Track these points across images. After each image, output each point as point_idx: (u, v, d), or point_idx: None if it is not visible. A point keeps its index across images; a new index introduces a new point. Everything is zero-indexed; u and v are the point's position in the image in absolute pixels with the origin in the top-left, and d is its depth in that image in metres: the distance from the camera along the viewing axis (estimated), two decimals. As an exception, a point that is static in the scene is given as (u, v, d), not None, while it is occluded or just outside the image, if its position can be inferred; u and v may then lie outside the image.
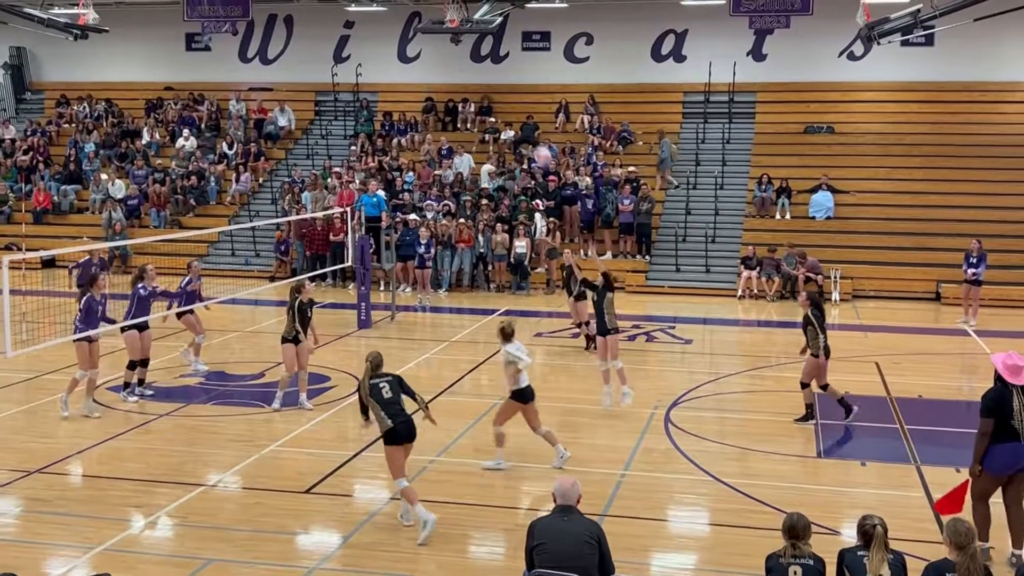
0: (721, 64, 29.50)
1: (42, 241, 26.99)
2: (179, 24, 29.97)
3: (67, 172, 30.73)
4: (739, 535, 9.77)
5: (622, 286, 24.83)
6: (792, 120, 29.57)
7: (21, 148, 31.77)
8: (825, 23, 27.34)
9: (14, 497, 10.52)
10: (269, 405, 14.02)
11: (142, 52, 34.06)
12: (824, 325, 13.34)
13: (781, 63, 30.06)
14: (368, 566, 8.91)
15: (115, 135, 32.10)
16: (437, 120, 31.44)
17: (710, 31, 30.04)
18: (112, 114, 33.17)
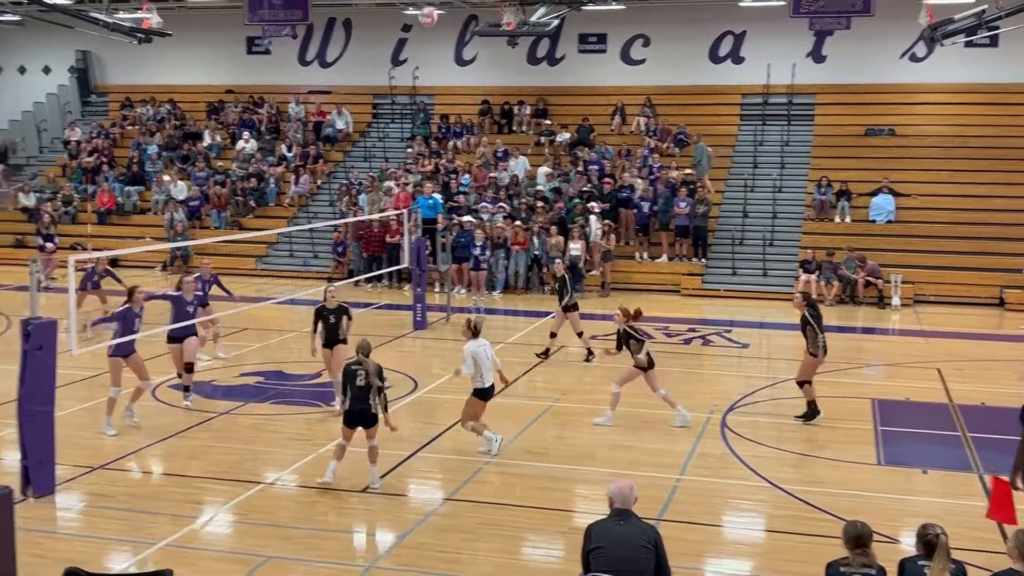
0: (780, 66, 29.23)
1: (106, 241, 27.50)
2: (240, 28, 30.40)
3: (130, 173, 31.29)
4: (796, 542, 9.68)
5: (677, 289, 24.76)
6: (852, 122, 29.18)
7: (86, 150, 32.42)
8: (886, 24, 26.95)
9: (78, 493, 10.74)
10: (327, 404, 14.16)
11: (204, 55, 34.58)
12: (822, 324, 13.48)
13: (841, 65, 29.67)
14: (424, 566, 8.97)
15: (177, 137, 32.63)
16: (493, 123, 31.52)
17: (769, 32, 29.76)
18: (174, 116, 33.72)
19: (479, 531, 9.76)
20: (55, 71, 36.29)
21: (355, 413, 10.75)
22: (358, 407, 10.71)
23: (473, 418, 12.03)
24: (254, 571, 8.80)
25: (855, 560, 6.49)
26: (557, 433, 13.14)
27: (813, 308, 13.61)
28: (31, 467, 10.31)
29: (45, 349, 10.37)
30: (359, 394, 10.68)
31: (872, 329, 21.49)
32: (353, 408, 10.74)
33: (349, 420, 10.81)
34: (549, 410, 14.15)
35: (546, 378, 16.40)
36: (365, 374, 10.66)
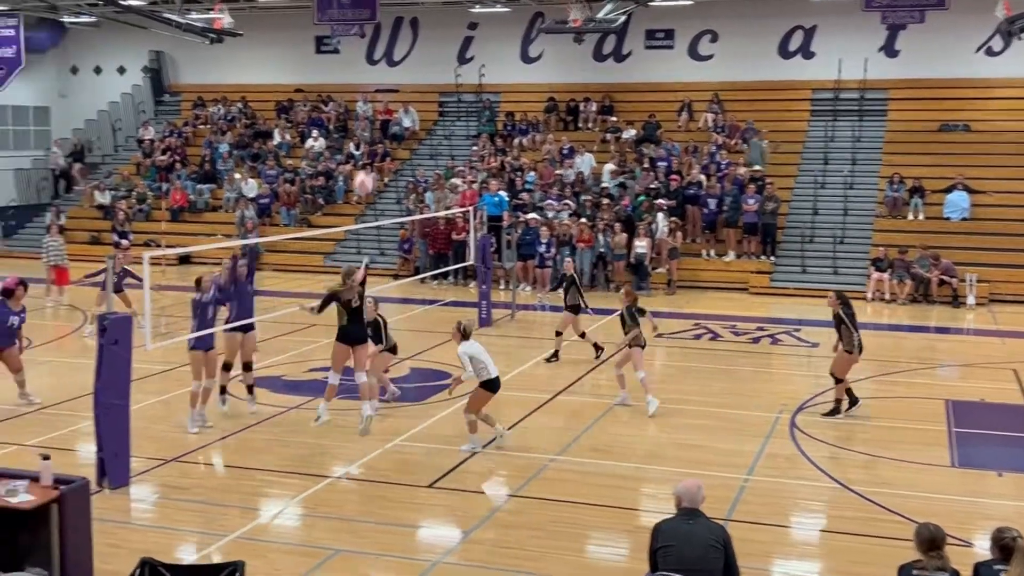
0: (851, 61, 28.77)
1: (179, 238, 27.98)
2: (309, 27, 30.76)
3: (202, 172, 31.84)
4: (866, 543, 9.52)
5: (745, 287, 24.51)
6: (926, 118, 28.61)
7: (159, 148, 33.06)
8: (961, 17, 26.39)
9: (152, 484, 10.96)
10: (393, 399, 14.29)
11: (274, 55, 35.05)
12: (856, 322, 13.43)
13: (915, 59, 29.11)
14: (490, 562, 9.00)
15: (248, 136, 33.12)
16: (559, 120, 31.49)
17: (840, 27, 29.33)
18: (245, 115, 34.24)
19: (545, 528, 9.76)
20: (129, 71, 37.07)
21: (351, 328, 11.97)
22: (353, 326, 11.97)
23: (475, 410, 12.01)
24: (323, 564, 8.91)
25: (929, 563, 6.37)
26: (622, 431, 13.09)
27: (847, 306, 13.57)
28: (107, 459, 10.54)
29: (120, 343, 10.60)
30: (354, 313, 11.88)
31: (946, 329, 21.07)
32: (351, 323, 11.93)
33: (344, 337, 12.07)
34: (614, 408, 14.10)
35: (610, 376, 16.32)
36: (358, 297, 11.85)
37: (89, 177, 33.84)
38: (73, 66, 37.86)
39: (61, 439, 12.35)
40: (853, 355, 13.45)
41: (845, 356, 13.49)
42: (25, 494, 8.05)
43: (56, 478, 8.31)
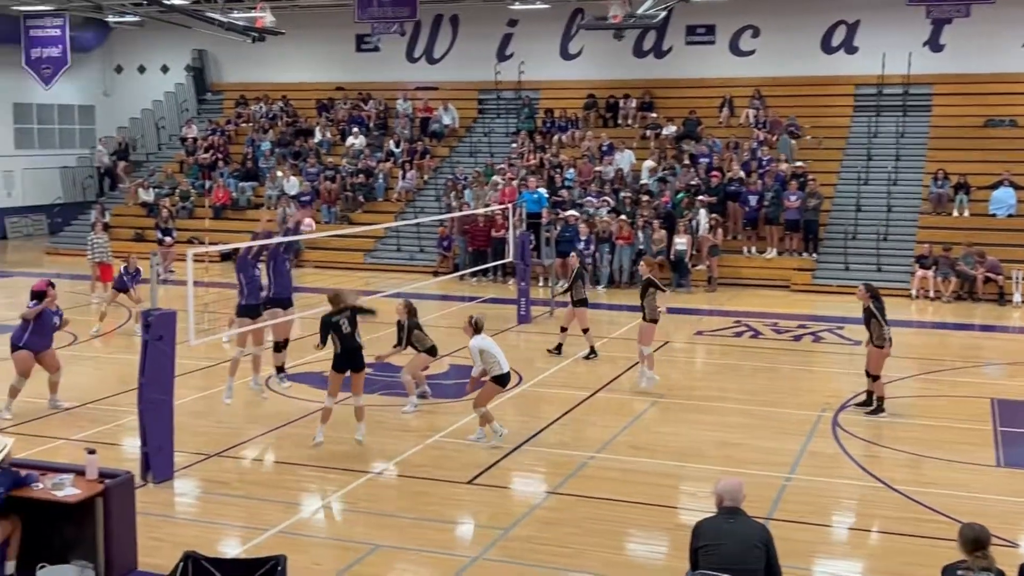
0: (895, 55, 28.43)
1: (221, 235, 28.20)
2: (350, 26, 30.89)
3: (244, 169, 32.10)
4: (910, 544, 9.42)
5: (786, 284, 24.29)
6: (971, 113, 28.20)
7: (202, 146, 33.38)
8: (1008, 11, 26.03)
9: (195, 479, 11.07)
10: (432, 397, 14.34)
11: (315, 53, 35.26)
12: (886, 316, 13.36)
13: (960, 53, 28.69)
14: (529, 559, 8.99)
15: (289, 134, 33.35)
16: (598, 116, 31.40)
17: (884, 21, 28.99)
18: (286, 113, 34.47)
19: (584, 525, 9.75)
20: (173, 70, 37.45)
21: (345, 357, 11.73)
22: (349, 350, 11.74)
23: (483, 404, 12.15)
24: (363, 559, 8.95)
25: (973, 564, 6.29)
26: (663, 429, 13.03)
27: (877, 299, 13.46)
28: (151, 454, 10.67)
29: (165, 339, 10.72)
30: (346, 340, 11.70)
31: (991, 327, 20.76)
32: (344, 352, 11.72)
33: (339, 365, 11.77)
34: (655, 405, 14.05)
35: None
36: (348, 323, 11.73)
37: (133, 175, 34.24)
38: (118, 65, 38.34)
39: (106, 434, 12.51)
40: (884, 350, 13.36)
41: (876, 351, 13.40)
42: (71, 488, 8.18)
43: (101, 472, 8.43)
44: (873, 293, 13.56)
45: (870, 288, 13.69)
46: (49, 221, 35.65)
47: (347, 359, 11.87)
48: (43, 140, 36.35)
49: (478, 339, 12.10)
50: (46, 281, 13.74)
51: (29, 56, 32.12)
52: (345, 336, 11.83)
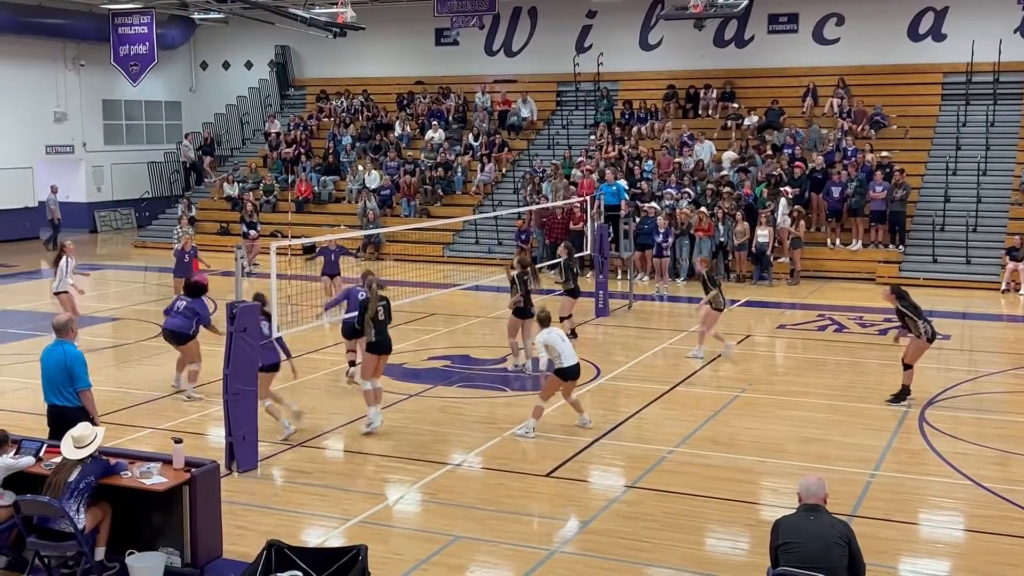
0: (985, 42, 27.64)
1: (304, 228, 28.68)
2: (429, 20, 31.08)
3: (326, 163, 32.51)
4: (1001, 543, 9.17)
5: (872, 277, 23.82)
6: (1065, 100, 27.35)
7: (285, 141, 33.89)
8: (1106, -7, 25.11)
9: (279, 468, 11.25)
10: (510, 389, 14.37)
11: (395, 48, 35.53)
12: (919, 311, 13.31)
13: (1053, 39, 27.83)
14: (608, 552, 8.97)
15: (370, 128, 33.68)
16: (678, 107, 31.11)
17: (973, 7, 28.23)
18: (367, 108, 34.81)
19: (663, 520, 9.68)
20: (256, 66, 38.07)
21: (382, 343, 12.30)
22: (384, 337, 12.31)
23: (545, 397, 12.23)
24: (443, 550, 9.01)
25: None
26: (743, 424, 12.88)
27: (903, 298, 13.44)
28: (235, 443, 10.87)
29: (249, 331, 10.91)
30: (381, 327, 12.23)
31: (1086, 321, 20.12)
32: (381, 339, 12.26)
33: (377, 349, 12.28)
34: (736, 400, 13.89)
35: (732, 368, 16.10)
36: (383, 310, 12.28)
37: (218, 169, 34.93)
38: (203, 62, 39.13)
39: (192, 424, 12.79)
40: (921, 342, 13.31)
41: (916, 343, 13.37)
42: (158, 476, 8.38)
43: (187, 461, 8.63)
44: (898, 293, 13.60)
45: (896, 289, 13.77)
46: (137, 215, 36.60)
47: (385, 344, 12.44)
48: (131, 136, 37.30)
49: (544, 333, 12.12)
50: (204, 276, 14.28)
51: (117, 53, 32.99)
52: (381, 322, 12.36)
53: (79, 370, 9.40)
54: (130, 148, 36.96)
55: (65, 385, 9.41)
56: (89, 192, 35.70)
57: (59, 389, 9.44)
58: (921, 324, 13.26)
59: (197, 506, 8.45)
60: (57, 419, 9.35)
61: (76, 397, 9.43)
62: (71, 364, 9.38)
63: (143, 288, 25.18)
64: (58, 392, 9.45)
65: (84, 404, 9.45)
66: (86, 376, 9.45)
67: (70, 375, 9.38)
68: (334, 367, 15.74)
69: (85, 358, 9.58)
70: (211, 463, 8.79)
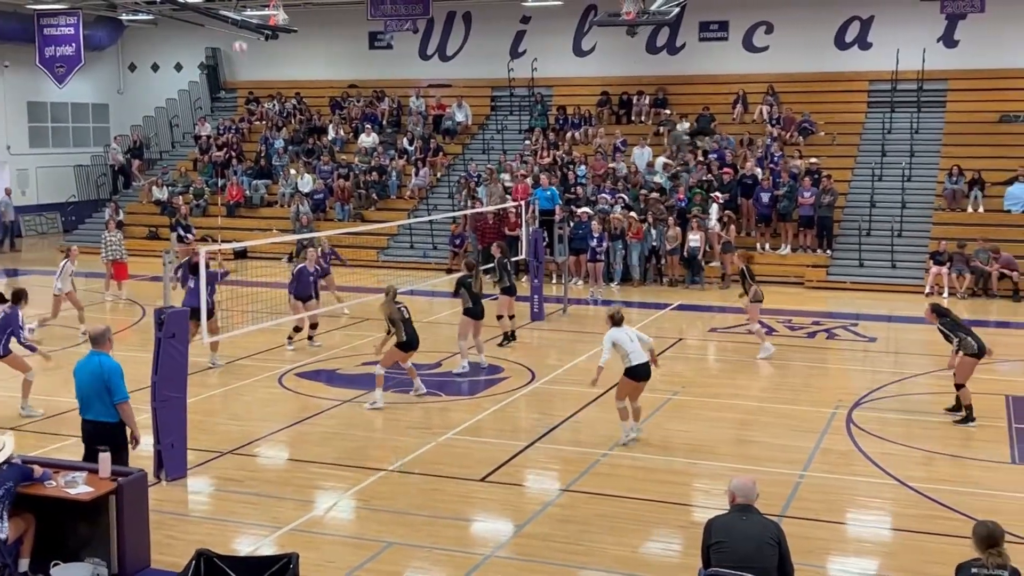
0: (909, 51, 28.26)
1: (235, 233, 28.32)
2: (363, 23, 30.90)
3: (258, 167, 32.16)
4: (925, 541, 9.38)
5: (800, 281, 24.20)
6: (986, 109, 28.03)
7: (216, 144, 33.46)
8: (1022, 6, 25.83)
9: (208, 476, 11.09)
10: (445, 394, 14.36)
11: (327, 51, 35.28)
12: (962, 326, 13.08)
13: (975, 49, 28.52)
14: (543, 555, 8.98)
15: (302, 132, 33.39)
16: (611, 113, 31.35)
17: (898, 17, 28.86)
18: (300, 111, 34.51)
19: (597, 523, 9.73)
20: (186, 68, 37.54)
21: (412, 341, 13.63)
22: (411, 337, 13.65)
23: (620, 397, 12.04)
24: (376, 556, 8.95)
25: (988, 561, 6.27)
26: (676, 426, 13.00)
27: (945, 316, 13.20)
28: (164, 451, 10.69)
29: (178, 337, 10.74)
30: (408, 326, 13.65)
31: (1006, 323, 20.63)
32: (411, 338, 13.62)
33: (407, 347, 13.66)
34: (668, 402, 14.02)
35: (664, 370, 16.21)
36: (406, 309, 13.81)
37: (147, 173, 34.36)
38: (131, 63, 38.47)
39: (120, 431, 12.53)
40: (966, 357, 12.82)
41: (964, 360, 12.88)
42: (84, 486, 8.21)
43: (114, 470, 8.46)
44: (939, 311, 13.30)
45: (936, 308, 13.41)
46: (63, 219, 35.81)
47: (414, 340, 13.76)
48: (57, 138, 36.50)
49: (614, 331, 11.92)
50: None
51: (43, 54, 32.23)
52: (407, 320, 13.75)
53: (118, 382, 9.12)
54: (56, 151, 36.16)
55: (102, 398, 9.10)
56: (14, 196, 34.82)
57: (95, 404, 9.13)
58: (969, 340, 12.83)
59: (124, 516, 8.29)
60: (94, 437, 8.99)
61: (113, 411, 9.13)
62: (109, 376, 9.08)
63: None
64: (95, 407, 9.14)
65: (123, 417, 9.17)
66: (124, 388, 9.17)
67: (108, 387, 9.08)
68: (265, 373, 15.57)
69: (122, 369, 9.26)
70: (138, 472, 8.64)
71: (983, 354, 12.90)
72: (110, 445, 8.74)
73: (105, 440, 8.71)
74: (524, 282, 21.44)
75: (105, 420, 9.13)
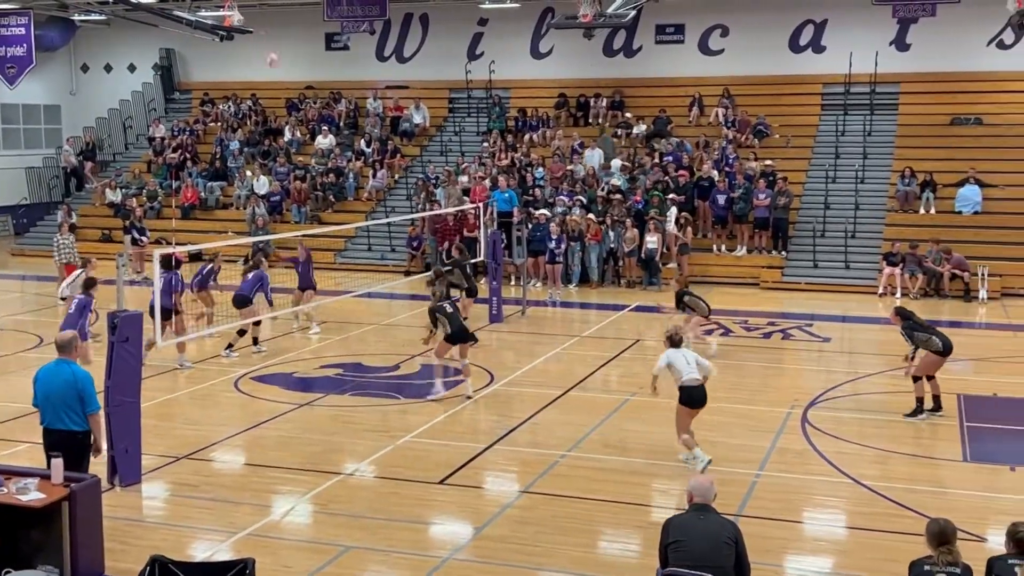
0: (862, 54, 28.62)
1: (189, 235, 28.02)
2: (319, 24, 30.76)
3: (213, 169, 31.87)
4: (880, 539, 9.49)
5: (756, 282, 24.41)
6: (937, 112, 28.46)
7: (170, 146, 33.12)
8: (973, 10, 26.25)
9: (163, 482, 10.97)
10: (403, 397, 14.31)
11: (284, 52, 34.79)
12: (927, 327, 13.21)
13: (926, 53, 28.95)
14: (500, 558, 8.98)
15: (258, 133, 33.14)
16: (569, 115, 31.43)
17: (851, 21, 29.20)
18: (255, 112, 34.25)
19: (556, 524, 9.75)
20: (140, 69, 37.09)
21: (456, 333, 14.14)
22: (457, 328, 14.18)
23: (683, 429, 11.32)
24: (333, 560, 8.90)
25: (940, 558, 6.35)
26: (634, 427, 13.06)
27: (908, 318, 13.27)
28: (117, 457, 10.55)
29: (131, 341, 10.61)
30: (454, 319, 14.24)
31: (958, 323, 20.93)
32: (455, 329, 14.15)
33: (453, 339, 14.20)
34: (626, 403, 14.08)
35: (622, 372, 16.33)
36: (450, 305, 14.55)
37: (100, 175, 33.92)
38: (84, 64, 37.95)
39: (73, 436, 12.35)
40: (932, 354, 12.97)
41: (932, 356, 13.02)
42: (36, 492, 8.07)
43: (67, 476, 8.33)
44: (903, 315, 13.36)
45: (900, 311, 13.49)
46: (14, 222, 35.25)
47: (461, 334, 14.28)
48: (8, 140, 35.92)
49: (671, 352, 11.41)
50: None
51: (-7, 55, 31.76)
52: (451, 315, 14.32)
53: (92, 391, 8.96)
54: (7, 153, 35.57)
55: (73, 408, 8.92)
56: (-36, 198, 34.35)
57: (64, 413, 8.94)
58: (935, 339, 12.94)
59: (77, 522, 8.16)
60: (59, 446, 8.73)
61: (82, 421, 8.95)
62: (83, 386, 8.91)
63: (21, 298, 24.29)
64: (64, 416, 8.94)
65: (93, 427, 9.01)
66: (96, 398, 9.02)
67: (81, 397, 8.91)
68: (221, 377, 15.44)
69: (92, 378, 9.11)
70: (92, 477, 8.51)
71: (948, 352, 13.02)
72: (76, 454, 8.63)
73: (71, 449, 8.58)
74: (483, 284, 21.43)
75: (74, 429, 9.00)
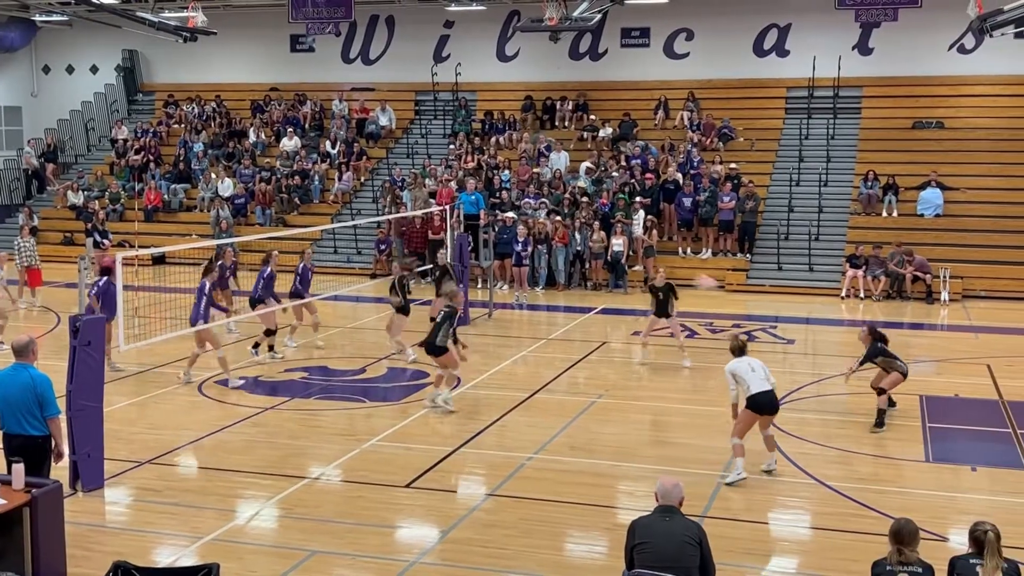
0: (826, 58, 28.90)
1: (153, 238, 27.78)
2: (284, 26, 30.61)
3: (177, 171, 31.62)
4: (843, 540, 9.58)
5: (721, 285, 24.54)
6: (900, 115, 28.79)
7: (133, 148, 32.81)
8: (934, 15, 26.56)
9: (126, 487, 10.86)
10: (369, 400, 14.27)
11: (248, 54, 34.83)
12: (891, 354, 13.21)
13: (888, 57, 29.27)
14: (467, 561, 8.97)
15: (223, 135, 32.91)
16: (535, 118, 31.47)
17: (814, 25, 29.47)
18: (220, 114, 34.01)
19: (522, 527, 9.75)
20: (102, 70, 36.73)
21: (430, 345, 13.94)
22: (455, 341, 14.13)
23: (739, 434, 11.14)
24: (299, 565, 8.85)
25: (902, 558, 6.41)
26: (600, 429, 13.09)
27: (879, 339, 13.32)
28: (80, 462, 10.45)
29: (93, 345, 10.51)
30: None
31: (920, 325, 21.20)
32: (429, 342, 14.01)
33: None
34: (592, 406, 14.11)
35: (589, 374, 16.37)
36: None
37: (62, 177, 33.55)
38: (45, 65, 37.50)
39: (34, 442, 12.21)
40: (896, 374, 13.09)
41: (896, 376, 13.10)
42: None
43: (28, 481, 8.24)
44: (875, 335, 13.38)
45: (872, 331, 13.50)
46: (-26, 225, 34.78)
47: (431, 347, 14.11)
48: (-33, 142, 35.49)
49: (733, 362, 11.35)
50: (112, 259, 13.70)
51: (-48, 56, 31.36)
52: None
53: (51, 395, 8.84)
54: (-34, 154, 35.16)
55: (32, 412, 8.78)
56: (-79, 201, 33.83)
57: (24, 417, 8.79)
58: (899, 362, 13.08)
59: (39, 528, 8.07)
60: (19, 452, 8.59)
61: (42, 425, 8.82)
62: (42, 390, 8.78)
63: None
64: (23, 421, 8.79)
65: (53, 432, 8.89)
66: (56, 402, 8.91)
67: (40, 401, 8.78)
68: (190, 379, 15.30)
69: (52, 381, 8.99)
70: (54, 483, 8.42)
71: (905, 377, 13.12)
72: (37, 459, 8.53)
73: (32, 455, 8.47)
74: (449, 287, 21.38)
75: (34, 434, 8.87)
